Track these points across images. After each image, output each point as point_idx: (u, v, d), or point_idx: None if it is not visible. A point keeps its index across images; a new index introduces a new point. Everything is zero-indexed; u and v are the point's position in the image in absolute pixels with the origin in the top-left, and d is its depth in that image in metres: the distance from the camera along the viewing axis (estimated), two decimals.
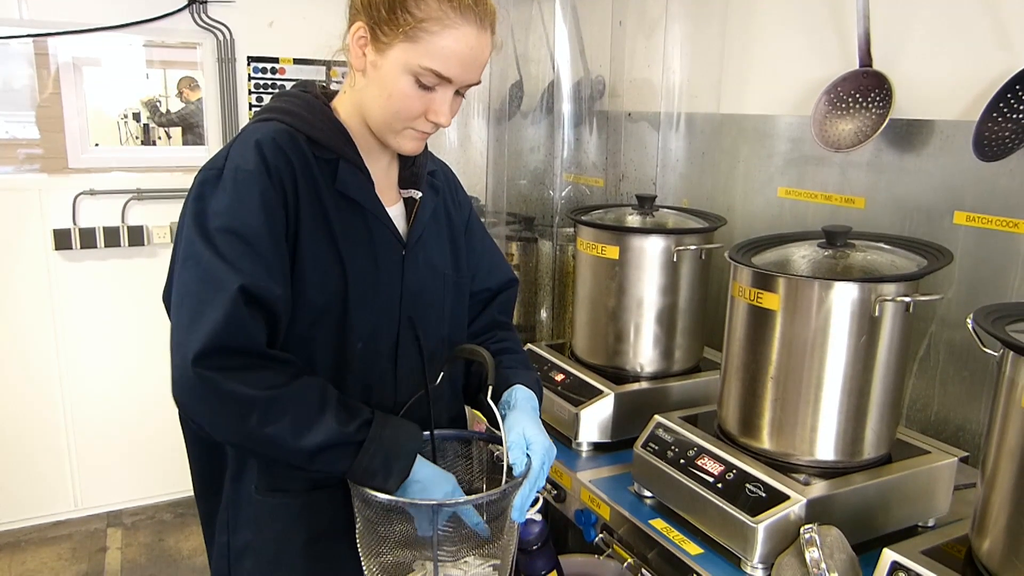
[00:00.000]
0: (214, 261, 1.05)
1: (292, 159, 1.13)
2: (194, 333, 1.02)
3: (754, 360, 1.44)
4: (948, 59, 1.71)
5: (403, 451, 1.11)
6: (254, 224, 1.08)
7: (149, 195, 3.26)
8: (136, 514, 3.53)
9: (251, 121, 1.22)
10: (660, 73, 2.47)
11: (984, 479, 1.15)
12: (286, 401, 1.05)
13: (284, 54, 3.35)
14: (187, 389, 1.04)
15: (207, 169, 1.14)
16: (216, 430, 1.08)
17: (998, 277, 1.62)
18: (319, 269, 1.15)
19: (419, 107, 1.15)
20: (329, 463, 1.08)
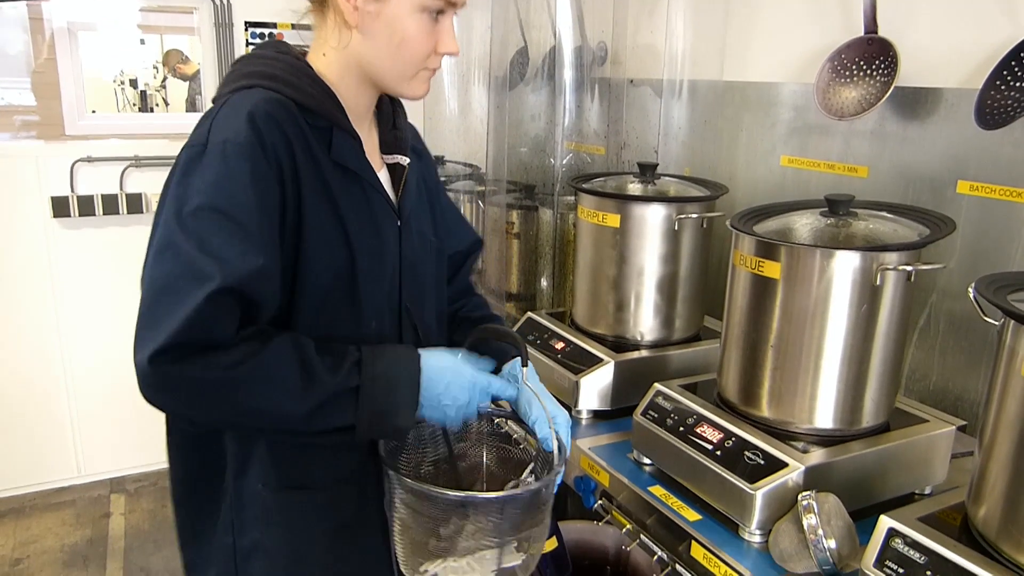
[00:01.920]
0: (193, 253, 0.95)
1: (287, 130, 1.04)
2: (159, 329, 0.94)
3: (754, 329, 1.44)
4: (954, 26, 1.69)
5: (403, 379, 1.05)
6: (242, 200, 0.98)
7: (147, 162, 3.24)
8: (139, 480, 3.56)
9: (229, 88, 1.09)
10: (663, 39, 2.44)
11: (982, 447, 1.15)
12: (265, 367, 0.98)
13: (282, 19, 3.31)
14: (153, 386, 0.96)
15: (189, 146, 1.03)
16: (202, 418, 1.04)
17: (1000, 247, 1.61)
18: (325, 246, 1.08)
19: (430, 44, 1.10)
20: (330, 418, 1.02)
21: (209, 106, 1.12)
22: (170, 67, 4.36)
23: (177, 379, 0.95)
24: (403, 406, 1.05)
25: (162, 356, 0.94)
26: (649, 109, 2.56)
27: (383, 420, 1.04)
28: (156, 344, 0.93)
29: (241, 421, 1.04)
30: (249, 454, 1.15)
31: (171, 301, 0.94)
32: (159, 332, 0.94)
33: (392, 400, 1.04)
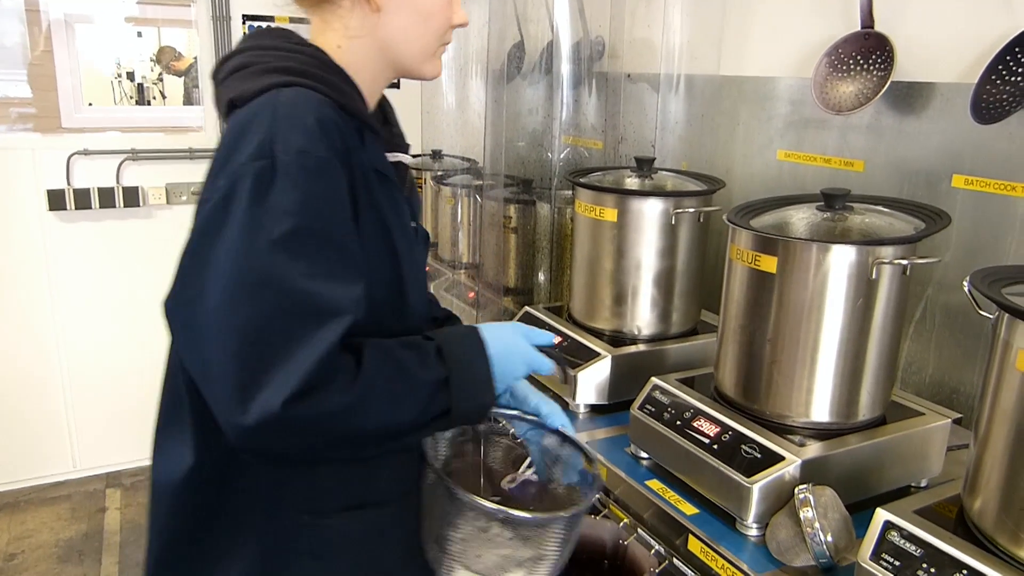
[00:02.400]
0: (302, 285, 0.86)
1: (346, 137, 0.98)
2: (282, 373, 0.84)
3: (751, 323, 1.44)
4: (950, 20, 1.69)
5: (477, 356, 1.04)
6: (335, 218, 0.92)
7: (144, 155, 3.23)
8: (136, 475, 3.56)
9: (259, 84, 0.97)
10: (660, 33, 2.44)
11: (977, 440, 1.16)
12: (369, 384, 0.92)
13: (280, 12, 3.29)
14: (276, 433, 0.86)
15: (249, 160, 0.89)
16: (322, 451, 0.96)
17: (995, 240, 1.62)
18: (378, 258, 1.03)
19: (448, 16, 1.09)
20: (431, 413, 0.99)
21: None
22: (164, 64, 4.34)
23: (302, 420, 0.87)
24: (484, 382, 1.04)
25: (297, 401, 0.84)
26: (646, 103, 2.56)
27: (471, 401, 1.02)
28: (289, 390, 0.84)
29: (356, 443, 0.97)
30: (284, 487, 1.05)
31: (287, 340, 0.86)
32: (288, 376, 0.84)
33: (474, 378, 1.03)
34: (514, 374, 1.09)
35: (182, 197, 3.31)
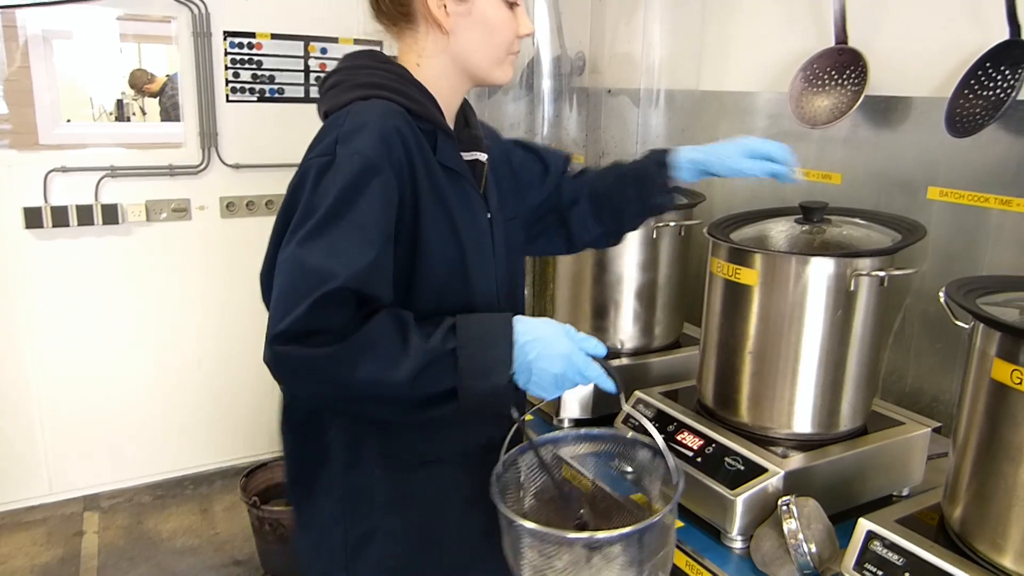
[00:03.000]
0: (317, 256, 1.04)
1: (409, 140, 1.13)
2: (278, 319, 1.03)
3: (732, 335, 1.45)
4: (922, 36, 1.72)
5: (498, 338, 1.07)
6: (368, 212, 1.06)
7: (123, 172, 3.21)
8: (113, 497, 3.51)
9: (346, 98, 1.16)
10: (640, 49, 2.47)
11: (955, 448, 1.17)
12: (366, 341, 1.03)
13: (261, 29, 3.30)
14: (274, 367, 1.04)
15: (317, 156, 1.10)
16: (315, 394, 1.10)
17: (970, 250, 1.64)
18: (439, 242, 1.17)
19: (514, 28, 1.22)
20: (431, 384, 1.04)
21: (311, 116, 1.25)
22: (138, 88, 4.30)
23: (292, 360, 1.02)
24: (499, 363, 1.06)
25: (278, 339, 1.02)
26: (627, 118, 2.58)
27: (480, 380, 1.05)
28: (275, 330, 1.02)
29: (350, 395, 1.07)
30: (361, 443, 1.22)
31: (294, 300, 1.02)
32: (280, 322, 1.02)
33: (488, 357, 1.05)
34: (549, 369, 1.07)
35: (162, 214, 3.29)
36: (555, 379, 1.08)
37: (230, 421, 3.62)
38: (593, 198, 1.49)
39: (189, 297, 3.43)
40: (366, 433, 1.22)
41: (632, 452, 1.26)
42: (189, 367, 3.50)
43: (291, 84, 3.40)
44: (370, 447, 1.22)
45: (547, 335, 1.08)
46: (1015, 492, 1.05)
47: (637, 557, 1.05)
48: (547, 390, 1.09)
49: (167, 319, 3.42)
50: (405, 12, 1.21)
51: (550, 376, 1.07)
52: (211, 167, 3.33)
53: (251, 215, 3.45)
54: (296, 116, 3.42)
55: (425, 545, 1.26)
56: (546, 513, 1.22)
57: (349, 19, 3.41)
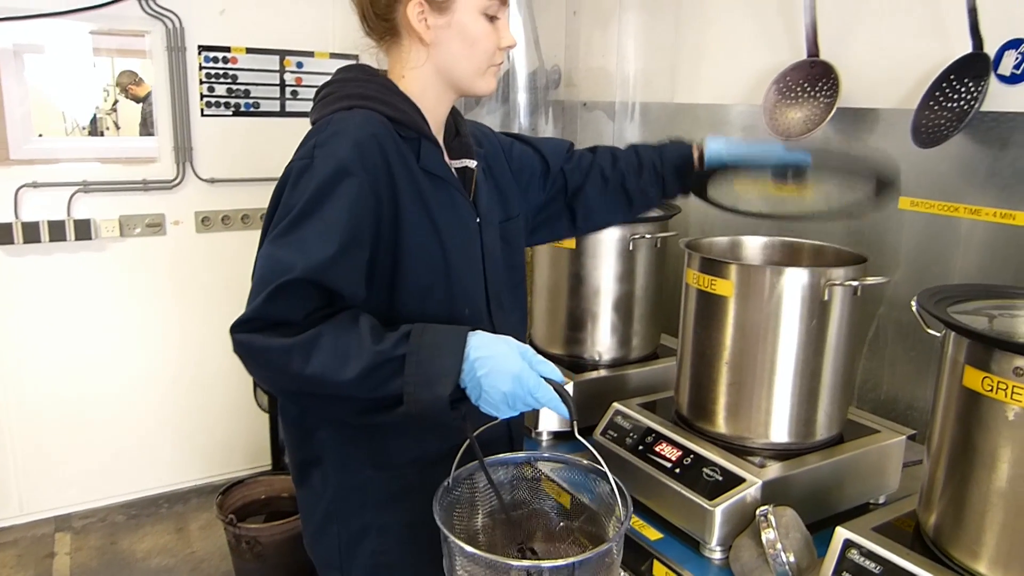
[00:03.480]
0: (283, 251, 1.09)
1: (387, 147, 1.17)
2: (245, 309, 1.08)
3: (709, 346, 1.46)
4: (890, 49, 1.75)
5: (447, 348, 1.08)
6: (336, 211, 1.10)
7: (96, 187, 3.18)
8: (86, 517, 3.45)
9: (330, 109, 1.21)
10: (615, 62, 2.49)
11: (930, 456, 1.18)
12: (322, 338, 1.06)
13: (236, 43, 3.28)
14: (237, 353, 1.09)
15: (298, 159, 1.16)
16: (270, 383, 1.14)
17: (941, 259, 1.67)
18: (422, 246, 1.21)
19: (495, 41, 1.25)
20: (378, 386, 1.06)
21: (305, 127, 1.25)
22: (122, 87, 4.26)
23: (249, 347, 1.07)
24: (444, 374, 1.06)
25: (238, 327, 1.07)
26: (603, 131, 2.59)
27: (424, 389, 1.06)
28: (237, 319, 1.07)
29: (302, 389, 1.09)
30: (353, 443, 1.27)
31: (260, 287, 1.08)
32: (244, 310, 1.08)
33: (435, 367, 1.06)
34: (498, 387, 1.07)
35: (136, 229, 3.26)
36: (504, 397, 1.08)
37: (206, 438, 3.58)
38: (604, 181, 1.55)
39: (163, 313, 3.40)
40: (357, 434, 1.26)
41: (589, 479, 1.26)
42: (164, 384, 3.46)
43: (267, 98, 3.38)
44: (362, 447, 1.26)
45: (500, 353, 1.09)
46: (989, 498, 1.06)
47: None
48: (497, 408, 1.09)
49: (141, 335, 3.38)
50: (390, 27, 1.25)
51: (499, 394, 1.07)
52: (186, 182, 3.31)
53: (227, 230, 3.43)
54: (272, 130, 3.41)
55: (418, 542, 1.28)
56: (498, 534, 1.21)
57: (325, 33, 3.41)
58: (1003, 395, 1.03)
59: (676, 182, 1.56)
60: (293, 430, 1.34)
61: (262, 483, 3.06)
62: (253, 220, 3.47)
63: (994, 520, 1.06)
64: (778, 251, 1.65)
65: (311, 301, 1.09)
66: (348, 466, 1.28)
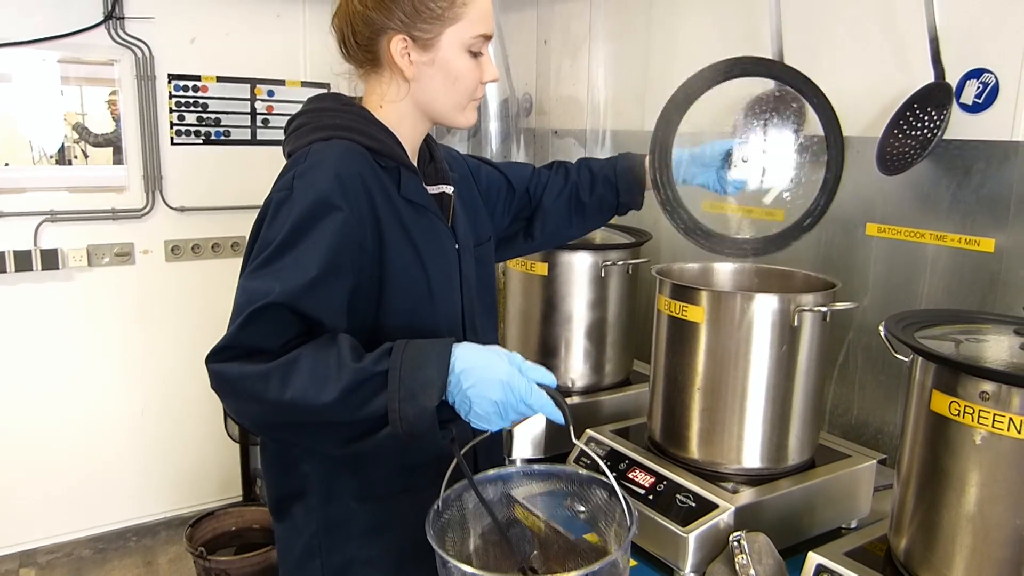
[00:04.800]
0: (261, 280, 1.07)
1: (366, 176, 1.17)
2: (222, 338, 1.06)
3: (681, 372, 1.46)
4: (855, 78, 1.79)
5: (431, 360, 1.04)
6: (318, 243, 1.09)
7: (64, 216, 3.14)
8: (52, 552, 3.36)
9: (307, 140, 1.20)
10: (585, 91, 2.51)
11: (899, 479, 1.19)
12: (300, 360, 1.03)
13: (207, 72, 3.28)
14: (212, 384, 1.06)
15: (278, 191, 1.15)
16: (249, 417, 1.08)
17: (908, 284, 1.69)
18: (404, 272, 1.20)
19: (477, 76, 1.25)
20: (360, 405, 1.02)
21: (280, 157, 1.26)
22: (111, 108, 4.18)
23: (224, 376, 1.05)
24: (428, 385, 1.02)
25: (213, 356, 1.05)
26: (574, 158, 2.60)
27: (409, 403, 1.01)
28: (213, 347, 1.06)
29: (282, 418, 1.05)
30: (336, 475, 1.24)
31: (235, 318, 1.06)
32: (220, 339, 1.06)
33: (418, 379, 1.02)
34: (488, 396, 1.03)
35: (104, 259, 3.21)
36: (496, 406, 1.04)
37: (175, 469, 3.52)
38: (558, 193, 1.58)
39: (132, 342, 3.35)
40: (342, 466, 1.24)
41: (585, 491, 1.24)
42: (132, 415, 3.40)
43: (237, 127, 3.37)
44: (346, 479, 1.24)
45: (486, 361, 1.05)
46: (958, 522, 1.07)
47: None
48: (489, 420, 1.05)
49: (109, 366, 3.32)
50: (372, 58, 1.24)
51: (489, 403, 1.03)
52: (155, 210, 3.28)
53: (197, 259, 3.40)
54: (243, 158, 3.39)
55: (403, 572, 1.28)
56: (493, 556, 1.19)
57: (296, 61, 3.42)
58: (970, 419, 1.04)
59: (629, 191, 1.59)
60: (274, 463, 1.30)
61: (233, 515, 3.01)
62: (224, 249, 3.44)
63: (963, 544, 1.07)
64: (748, 277, 1.67)
65: (288, 328, 1.06)
66: (332, 499, 1.25)
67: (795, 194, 1.91)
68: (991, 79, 1.54)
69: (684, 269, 1.66)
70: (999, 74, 1.53)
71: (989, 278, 1.56)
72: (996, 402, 1.01)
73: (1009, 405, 1.00)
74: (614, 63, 2.43)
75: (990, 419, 1.02)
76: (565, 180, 1.60)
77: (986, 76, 1.55)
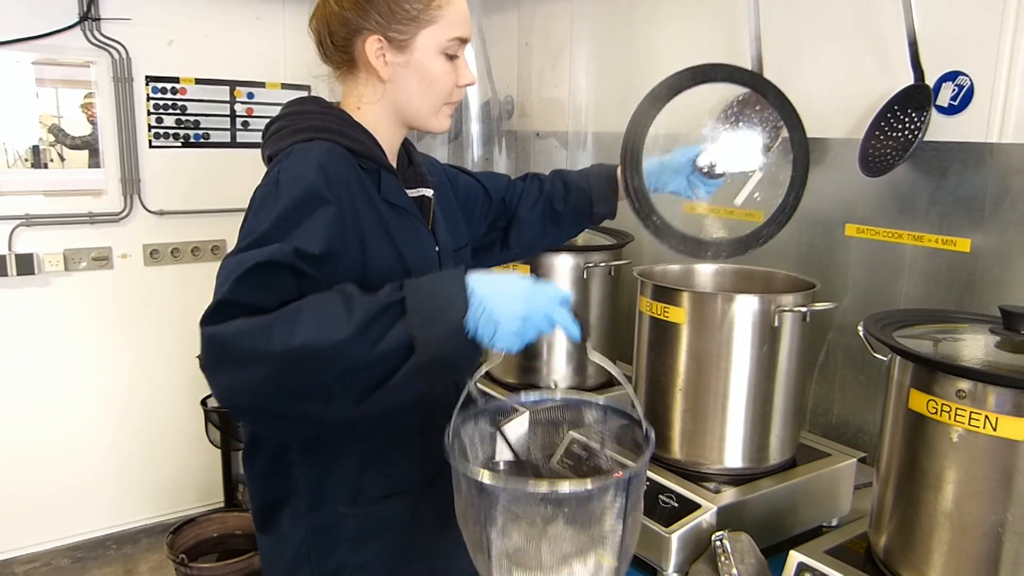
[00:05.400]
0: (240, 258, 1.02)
1: (350, 178, 1.17)
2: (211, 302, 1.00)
3: (663, 373, 1.47)
4: (836, 81, 1.80)
5: (448, 278, 1.01)
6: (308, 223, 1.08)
7: (40, 220, 3.10)
8: (30, 561, 3.32)
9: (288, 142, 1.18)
10: (567, 93, 2.52)
11: (879, 478, 1.20)
12: (303, 307, 0.97)
13: (185, 73, 3.25)
14: (204, 356, 0.97)
15: (264, 185, 1.14)
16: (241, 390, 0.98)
17: (887, 285, 1.71)
18: (387, 274, 1.14)
19: (453, 79, 1.25)
20: (380, 335, 0.96)
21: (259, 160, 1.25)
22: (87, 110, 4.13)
23: (221, 337, 0.96)
24: (454, 300, 0.98)
25: (207, 319, 0.99)
26: (556, 160, 2.62)
27: (434, 324, 0.97)
28: (205, 310, 0.99)
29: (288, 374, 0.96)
30: (325, 480, 1.23)
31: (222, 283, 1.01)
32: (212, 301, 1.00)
33: (440, 297, 0.99)
34: (513, 311, 1.00)
35: (82, 263, 3.18)
36: (521, 322, 1.00)
37: (155, 475, 3.48)
38: (533, 207, 1.58)
39: (110, 348, 3.31)
40: (331, 470, 1.22)
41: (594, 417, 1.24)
42: (112, 420, 3.36)
43: (217, 129, 3.35)
44: (336, 482, 1.23)
45: (503, 279, 1.03)
46: (936, 519, 1.08)
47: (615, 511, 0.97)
48: (511, 338, 1.01)
49: (87, 371, 3.28)
50: (348, 59, 1.24)
51: (515, 319, 1.00)
52: (134, 214, 3.25)
53: (176, 262, 3.37)
54: (222, 161, 3.37)
55: (395, 574, 1.28)
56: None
57: (276, 64, 3.40)
58: (947, 417, 1.05)
59: (603, 200, 1.58)
60: (260, 470, 1.26)
61: (215, 521, 2.98)
62: (204, 253, 3.41)
63: (941, 540, 1.08)
64: (730, 278, 1.68)
65: (286, 286, 1.02)
66: (321, 505, 1.23)
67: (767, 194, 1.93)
68: (966, 81, 1.56)
69: (666, 270, 1.67)
70: (974, 77, 1.55)
71: (966, 278, 1.58)
72: (972, 400, 1.02)
73: (985, 403, 1.02)
74: (596, 65, 2.44)
75: (966, 417, 1.03)
76: (540, 191, 1.60)
77: (961, 79, 1.57)
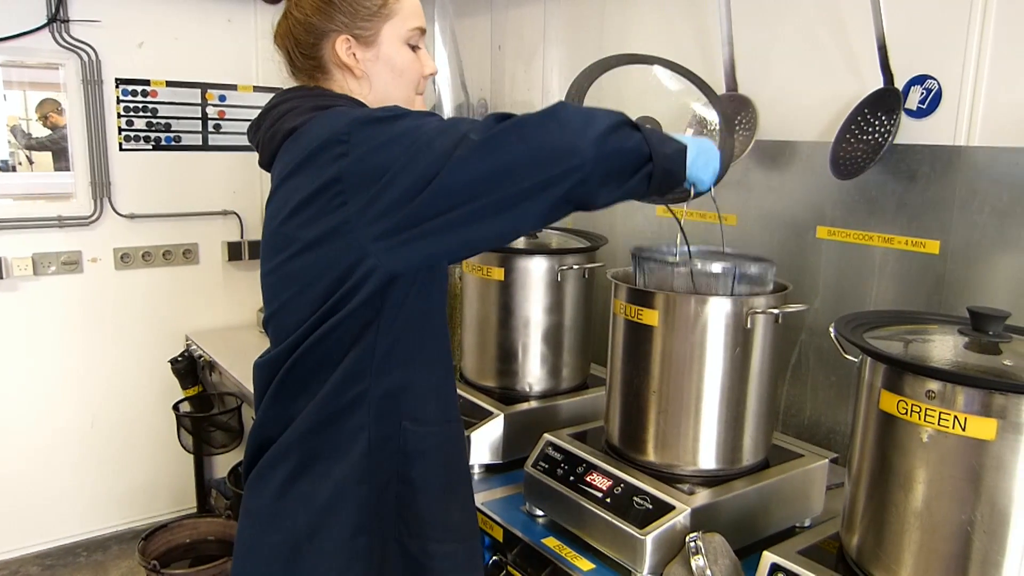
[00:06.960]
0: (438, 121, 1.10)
1: None
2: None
3: (637, 375, 1.47)
4: (806, 84, 1.82)
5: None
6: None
7: (7, 224, 3.05)
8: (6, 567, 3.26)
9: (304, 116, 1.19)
10: (540, 96, 2.52)
11: (850, 478, 1.21)
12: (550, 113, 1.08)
13: (156, 76, 3.21)
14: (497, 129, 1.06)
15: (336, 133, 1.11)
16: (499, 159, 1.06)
17: (858, 286, 1.73)
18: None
19: (419, 68, 1.32)
20: (620, 142, 1.09)
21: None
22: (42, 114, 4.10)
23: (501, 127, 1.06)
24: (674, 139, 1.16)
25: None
26: None
27: (664, 144, 1.13)
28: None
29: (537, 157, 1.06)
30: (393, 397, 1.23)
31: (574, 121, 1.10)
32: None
33: (664, 136, 1.15)
34: (712, 152, 1.26)
35: (51, 267, 3.13)
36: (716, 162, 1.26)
37: (126, 481, 3.43)
38: None
39: (81, 353, 3.26)
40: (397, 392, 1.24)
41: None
42: (81, 427, 3.31)
43: (188, 132, 3.31)
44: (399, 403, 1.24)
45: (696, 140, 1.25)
46: (906, 518, 1.09)
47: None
48: (710, 172, 1.26)
49: (58, 377, 3.23)
50: (317, 64, 1.28)
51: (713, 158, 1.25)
52: (104, 218, 3.20)
53: (148, 266, 3.32)
54: (194, 164, 3.33)
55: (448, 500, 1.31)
56: None
57: (248, 66, 3.37)
58: (917, 418, 1.06)
59: None
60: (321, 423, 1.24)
61: (187, 527, 2.94)
62: (175, 256, 3.37)
63: (912, 539, 1.09)
64: None
65: None
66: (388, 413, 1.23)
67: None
68: (934, 85, 1.58)
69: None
70: (942, 81, 1.58)
71: (935, 279, 1.60)
72: (942, 400, 1.04)
73: (954, 403, 1.03)
74: (568, 68, 2.44)
75: (936, 417, 1.04)
76: None
77: (929, 82, 1.59)
